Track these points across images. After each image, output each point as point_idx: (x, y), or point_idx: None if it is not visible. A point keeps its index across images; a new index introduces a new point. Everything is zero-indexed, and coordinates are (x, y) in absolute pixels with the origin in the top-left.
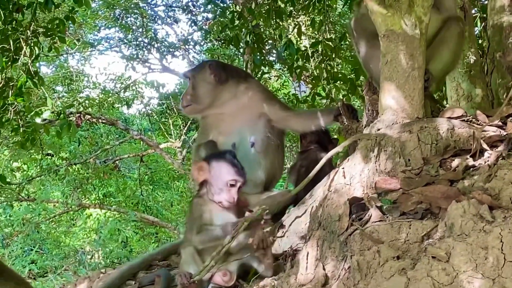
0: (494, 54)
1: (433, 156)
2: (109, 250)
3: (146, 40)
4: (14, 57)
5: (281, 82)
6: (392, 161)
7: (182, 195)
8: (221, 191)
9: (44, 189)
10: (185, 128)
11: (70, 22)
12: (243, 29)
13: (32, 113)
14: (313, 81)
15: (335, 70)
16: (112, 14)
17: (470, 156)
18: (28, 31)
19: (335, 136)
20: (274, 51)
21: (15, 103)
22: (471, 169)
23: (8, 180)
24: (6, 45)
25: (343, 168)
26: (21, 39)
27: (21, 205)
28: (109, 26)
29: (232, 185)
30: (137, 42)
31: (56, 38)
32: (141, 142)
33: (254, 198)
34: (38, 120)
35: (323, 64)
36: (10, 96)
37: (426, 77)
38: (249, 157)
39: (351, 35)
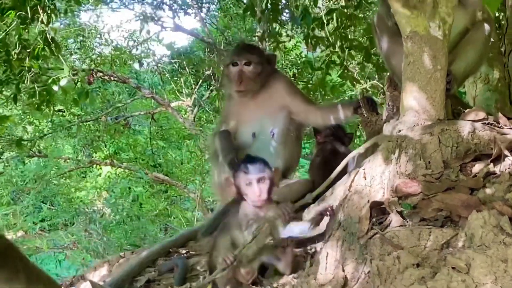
0: None
1: (453, 160)
2: (120, 208)
3: None
4: (31, 23)
5: (294, 42)
6: (413, 164)
7: (192, 154)
8: (247, 194)
9: (56, 146)
10: (197, 87)
11: None
12: None
13: (50, 81)
14: (328, 49)
15: (350, 37)
16: None
17: (491, 161)
18: None
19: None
20: (289, 21)
21: (32, 68)
22: (492, 176)
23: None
24: (23, 12)
25: (363, 169)
26: (38, 6)
27: (31, 161)
28: None
29: (251, 183)
30: (150, 0)
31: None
32: (152, 100)
33: None
34: (55, 87)
35: (337, 32)
36: (27, 61)
37: (448, 79)
38: (269, 147)
39: (374, 32)
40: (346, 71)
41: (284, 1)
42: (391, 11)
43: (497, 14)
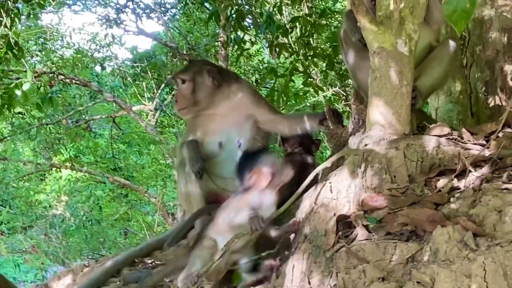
0: (474, 48)
1: (418, 174)
2: (80, 212)
3: (121, 1)
4: None
5: (256, 48)
6: (379, 178)
7: (153, 158)
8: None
9: (15, 148)
10: (159, 91)
11: None
12: (223, 3)
13: (12, 85)
14: (292, 56)
15: (314, 45)
16: None
17: (455, 177)
18: (9, 1)
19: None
20: (253, 27)
21: None
22: (456, 191)
23: None
24: None
25: (330, 182)
26: (1, 10)
27: None
28: None
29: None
30: (113, 3)
31: (35, 4)
32: (114, 103)
33: None
34: (18, 92)
35: (301, 40)
36: None
37: (414, 94)
38: (235, 157)
39: (340, 45)
40: (309, 78)
41: (248, 8)
42: (357, 26)
43: None
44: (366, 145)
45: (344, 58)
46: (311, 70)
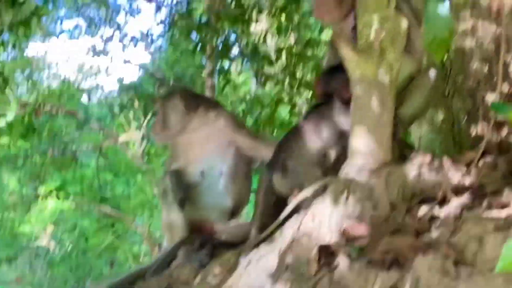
0: (455, 78)
1: (400, 203)
2: (66, 243)
3: (108, 31)
4: None
5: (243, 79)
6: (361, 206)
7: (140, 188)
8: None
9: (0, 179)
10: (146, 121)
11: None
12: (209, 34)
13: None
14: (277, 86)
15: (299, 75)
16: (75, 5)
17: (436, 205)
18: None
19: None
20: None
21: None
22: (437, 219)
23: None
24: None
25: (312, 211)
26: None
27: None
28: (72, 17)
29: None
30: (100, 34)
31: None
32: (101, 133)
33: (221, 226)
34: (2, 122)
35: (286, 70)
36: None
37: (395, 123)
38: (217, 185)
39: None
40: (294, 108)
41: (234, 38)
42: (340, 55)
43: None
44: (347, 173)
45: None
46: (296, 100)
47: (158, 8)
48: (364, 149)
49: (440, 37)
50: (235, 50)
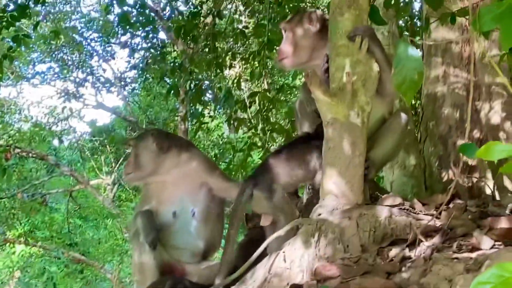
0: (427, 123)
1: (371, 244)
2: None
3: (81, 75)
4: None
5: (216, 123)
6: (332, 247)
7: (111, 233)
8: None
9: None
10: (117, 165)
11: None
12: (182, 78)
13: None
14: (250, 130)
15: (272, 120)
16: (48, 48)
17: (407, 246)
18: None
19: None
20: (213, 102)
21: None
22: (407, 260)
23: None
24: None
25: (283, 251)
26: None
27: None
28: (45, 60)
29: None
30: (73, 77)
31: None
32: (71, 177)
33: (193, 268)
34: None
35: (260, 114)
36: None
37: (367, 165)
38: (189, 226)
39: (295, 116)
40: (267, 152)
41: (207, 83)
42: (312, 97)
43: (413, 102)
44: (319, 214)
45: (299, 128)
46: (269, 145)
47: (133, 52)
48: (336, 190)
49: (410, 78)
50: (208, 94)
